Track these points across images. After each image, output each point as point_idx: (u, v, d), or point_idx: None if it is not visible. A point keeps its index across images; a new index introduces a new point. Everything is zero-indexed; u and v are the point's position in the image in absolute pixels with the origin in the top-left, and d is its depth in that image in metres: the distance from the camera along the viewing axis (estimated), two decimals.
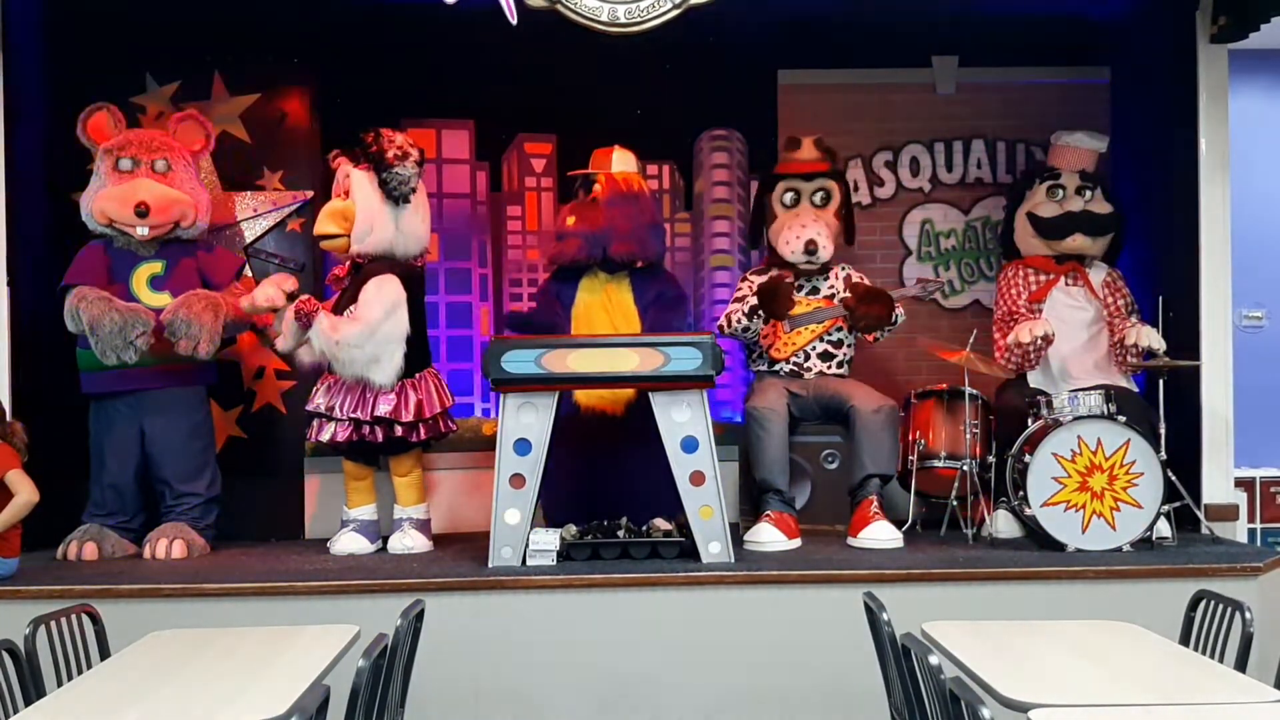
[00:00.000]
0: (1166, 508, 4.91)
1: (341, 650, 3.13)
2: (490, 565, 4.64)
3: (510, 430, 4.69)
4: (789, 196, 5.78)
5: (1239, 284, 5.61)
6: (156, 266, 5.32)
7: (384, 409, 5.05)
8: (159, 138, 5.42)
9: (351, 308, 5.11)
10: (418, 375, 5.20)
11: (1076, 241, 5.67)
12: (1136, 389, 5.54)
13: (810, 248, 5.56)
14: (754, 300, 5.44)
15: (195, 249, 5.44)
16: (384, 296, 5.10)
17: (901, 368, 6.36)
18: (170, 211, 5.28)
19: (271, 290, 5.09)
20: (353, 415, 5.04)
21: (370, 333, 5.02)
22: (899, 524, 5.21)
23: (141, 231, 5.25)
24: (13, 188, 5.26)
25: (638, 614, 4.42)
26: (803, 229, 5.59)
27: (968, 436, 5.28)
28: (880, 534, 5.05)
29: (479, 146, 6.49)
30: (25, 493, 4.35)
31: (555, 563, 4.65)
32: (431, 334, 5.79)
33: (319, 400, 5.15)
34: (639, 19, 4.69)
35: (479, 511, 5.55)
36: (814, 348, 5.60)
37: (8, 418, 4.55)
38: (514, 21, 4.64)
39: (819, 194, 5.76)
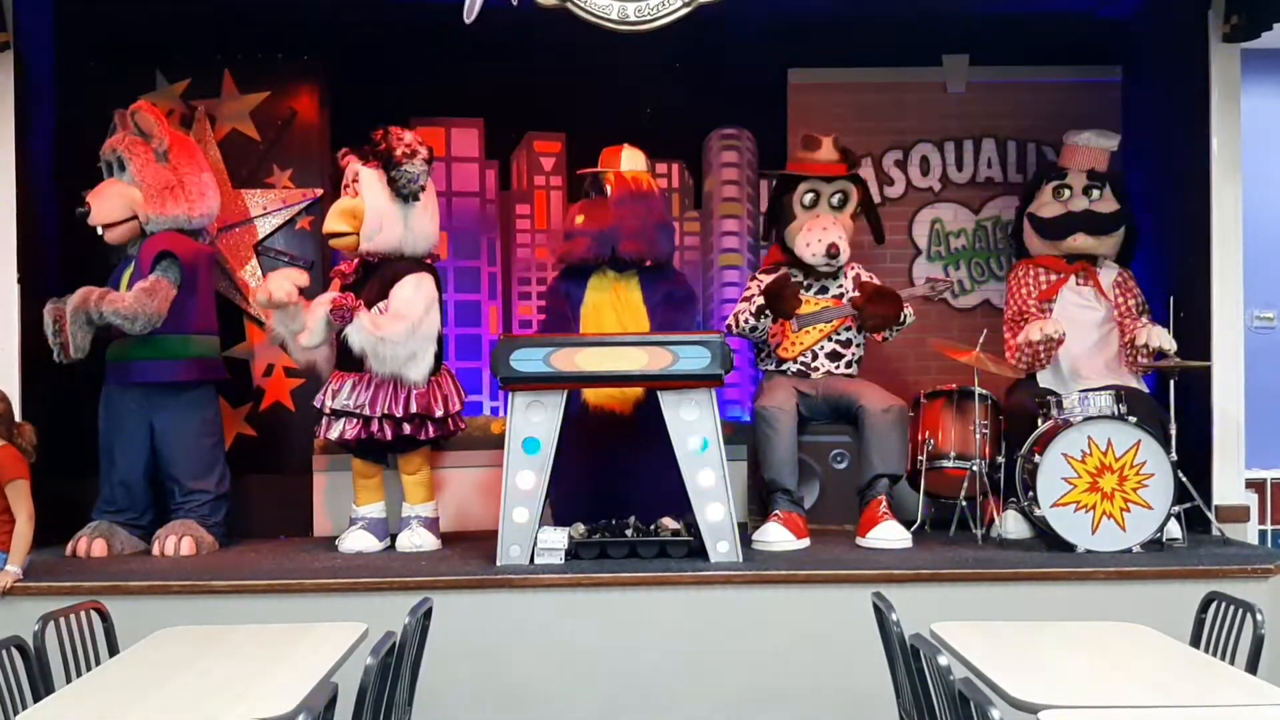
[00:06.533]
0: (1177, 509, 4.90)
1: (349, 648, 3.14)
2: (498, 564, 4.64)
3: (519, 429, 4.69)
4: (809, 197, 5.73)
5: (1250, 285, 5.58)
6: (132, 267, 5.29)
7: (416, 405, 5.04)
8: (119, 137, 5.30)
9: (382, 304, 5.10)
10: (440, 372, 5.24)
11: (1078, 241, 5.65)
12: (1147, 389, 5.51)
13: (832, 251, 5.53)
14: (761, 300, 5.43)
15: (141, 244, 5.28)
16: (423, 294, 5.12)
17: (911, 367, 6.35)
18: (109, 210, 5.21)
19: (288, 285, 5.05)
20: (387, 413, 5.01)
21: (413, 330, 5.02)
22: (908, 524, 5.19)
23: (99, 231, 5.25)
24: (24, 186, 5.27)
25: (645, 613, 4.42)
26: (824, 232, 5.56)
27: (977, 437, 5.26)
28: (889, 534, 5.04)
29: (488, 145, 6.50)
30: (24, 516, 4.34)
31: (563, 561, 4.65)
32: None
33: (345, 400, 5.06)
34: (649, 17, 4.68)
35: (487, 510, 5.55)
36: (822, 347, 5.58)
37: (17, 419, 4.54)
38: (470, 20, 4.57)
39: (837, 196, 5.73)
